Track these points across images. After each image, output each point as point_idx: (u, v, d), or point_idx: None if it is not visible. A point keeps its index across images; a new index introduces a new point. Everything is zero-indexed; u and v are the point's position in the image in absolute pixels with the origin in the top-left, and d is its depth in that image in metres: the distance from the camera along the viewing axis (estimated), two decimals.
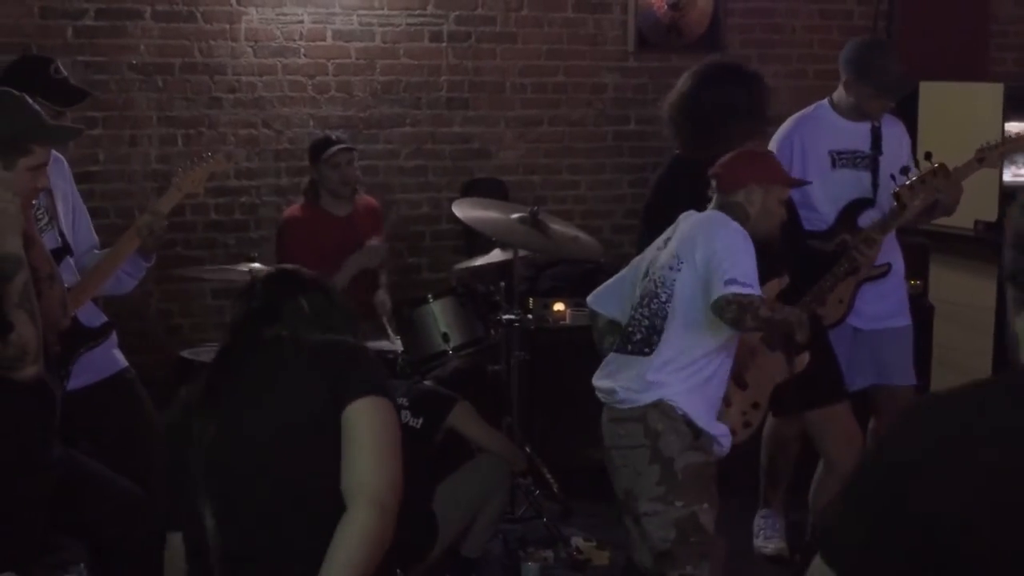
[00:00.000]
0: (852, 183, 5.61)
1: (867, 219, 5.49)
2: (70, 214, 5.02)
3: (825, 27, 8.49)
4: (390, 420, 3.29)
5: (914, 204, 5.30)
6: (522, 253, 6.31)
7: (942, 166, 5.38)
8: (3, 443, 3.87)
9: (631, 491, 4.43)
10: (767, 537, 5.96)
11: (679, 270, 4.35)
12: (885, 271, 5.60)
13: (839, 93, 5.71)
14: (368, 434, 3.21)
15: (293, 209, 6.76)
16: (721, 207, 4.46)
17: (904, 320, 5.77)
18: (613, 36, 8.13)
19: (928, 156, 5.59)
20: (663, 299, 4.38)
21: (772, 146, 5.65)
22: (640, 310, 4.46)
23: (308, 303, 3.47)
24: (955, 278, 6.18)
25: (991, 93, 7.50)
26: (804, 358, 5.00)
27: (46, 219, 4.84)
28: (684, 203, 4.59)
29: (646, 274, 4.49)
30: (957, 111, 7.36)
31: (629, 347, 4.47)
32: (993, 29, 8.85)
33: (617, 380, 4.48)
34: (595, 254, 6.51)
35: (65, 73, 5.05)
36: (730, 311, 4.16)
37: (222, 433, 3.29)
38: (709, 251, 4.27)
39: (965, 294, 6.80)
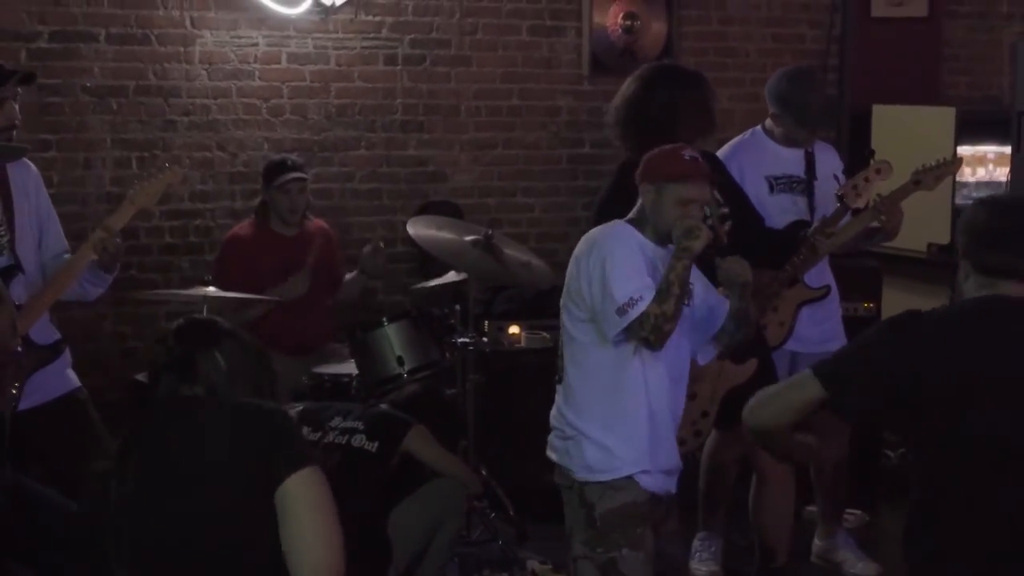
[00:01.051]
0: (790, 207, 5.73)
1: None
2: (33, 228, 5.00)
3: (778, 51, 8.53)
4: (325, 490, 3.20)
5: (857, 203, 5.35)
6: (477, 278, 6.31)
7: (884, 163, 5.43)
8: None
9: (570, 529, 4.44)
10: (702, 560, 5.98)
11: (565, 305, 4.39)
12: (825, 293, 5.69)
13: (770, 122, 5.83)
14: (309, 512, 3.14)
15: (240, 227, 6.77)
16: (633, 213, 4.39)
17: (841, 343, 5.80)
18: (568, 59, 8.16)
19: (871, 154, 5.64)
20: (563, 332, 4.43)
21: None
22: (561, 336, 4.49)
23: (224, 357, 3.34)
24: (908, 300, 6.18)
25: (943, 117, 7.57)
26: (752, 364, 5.06)
27: (6, 237, 4.83)
28: (631, 209, 4.51)
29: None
30: (910, 134, 7.41)
31: (557, 376, 4.50)
32: (946, 53, 8.93)
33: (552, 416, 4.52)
34: (546, 281, 6.52)
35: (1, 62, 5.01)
36: (645, 327, 4.13)
37: (141, 502, 3.16)
38: (584, 287, 4.26)
39: None
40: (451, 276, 6.47)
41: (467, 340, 6.21)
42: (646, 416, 4.31)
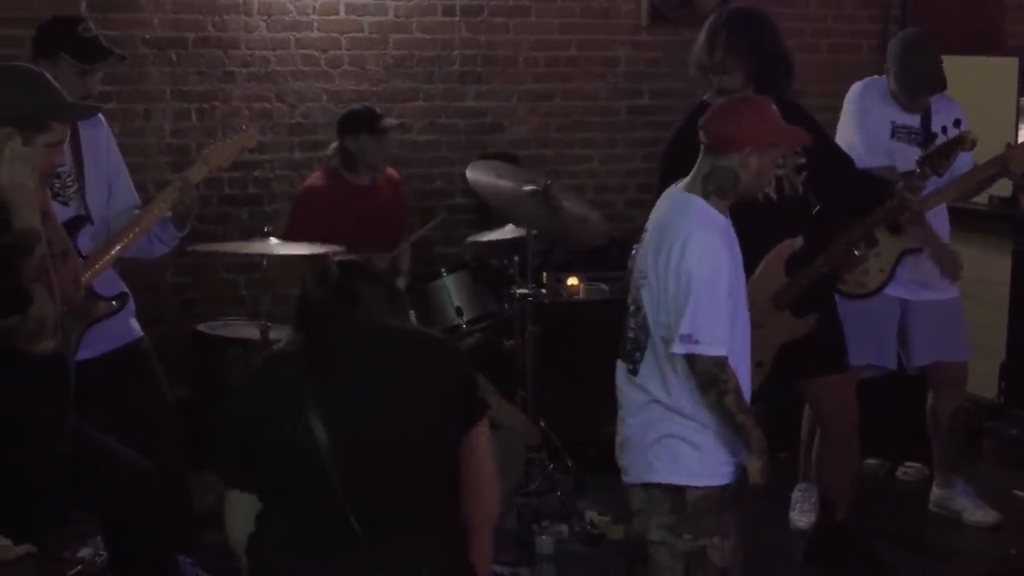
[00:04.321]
0: (906, 155, 5.67)
1: None
2: (102, 182, 5.04)
3: (839, 1, 8.47)
4: (489, 437, 3.55)
5: (939, 171, 5.30)
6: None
7: (968, 134, 5.41)
8: (20, 416, 3.90)
9: (643, 508, 4.21)
10: (802, 511, 6.00)
11: (643, 284, 4.09)
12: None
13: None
14: (486, 461, 3.52)
15: (314, 178, 6.74)
16: (709, 172, 4.04)
17: (951, 292, 5.92)
18: (626, 10, 8.11)
19: (957, 123, 5.62)
20: (644, 313, 4.09)
21: (849, 104, 5.93)
22: (631, 319, 4.18)
23: (383, 288, 3.54)
24: (970, 253, 6.17)
25: (1006, 67, 7.48)
26: (812, 319, 5.04)
27: (74, 187, 4.87)
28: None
29: (632, 271, 4.26)
30: (972, 85, 7.34)
31: (628, 362, 4.20)
32: (1009, 2, 8.81)
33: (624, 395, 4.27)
34: (599, 239, 6.51)
35: (95, 31, 5.06)
36: (702, 379, 3.93)
37: (343, 410, 3.30)
38: (672, 279, 3.95)
39: (980, 269, 6.79)
40: (508, 231, 6.46)
41: (526, 291, 6.21)
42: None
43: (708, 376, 3.93)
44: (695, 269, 3.91)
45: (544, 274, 6.90)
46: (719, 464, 4.08)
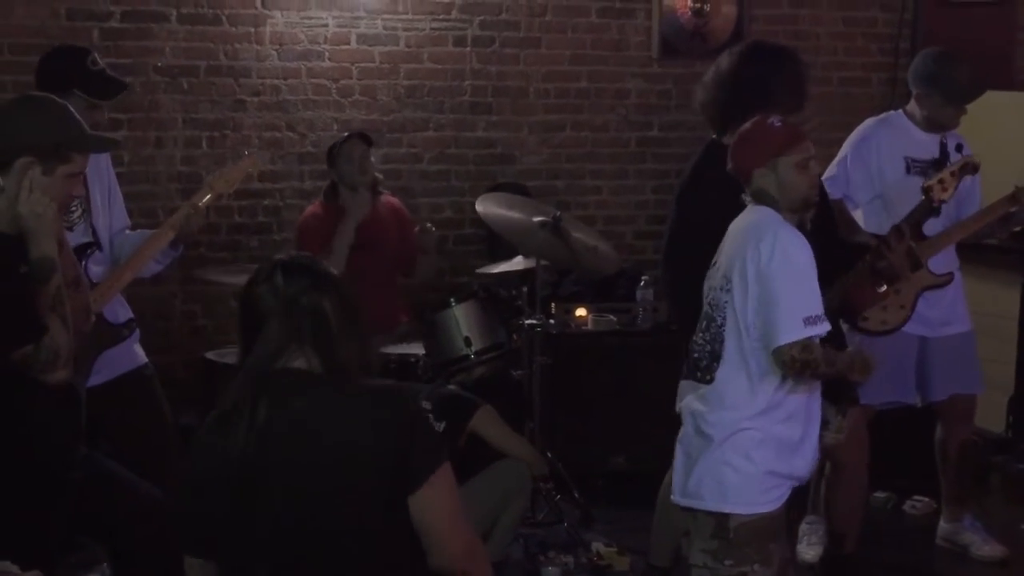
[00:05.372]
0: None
1: (931, 227, 5.54)
2: (105, 204, 5.06)
3: (849, 35, 8.48)
4: (453, 482, 3.30)
5: (943, 197, 5.32)
6: (544, 261, 6.30)
7: (971, 159, 5.42)
8: (31, 444, 3.91)
9: (688, 532, 4.27)
10: (810, 544, 5.99)
11: (729, 291, 4.09)
12: (948, 280, 5.67)
13: (912, 105, 5.88)
14: (448, 511, 3.27)
15: (312, 207, 6.76)
16: (754, 199, 4.18)
17: (965, 326, 5.92)
18: (637, 42, 8.13)
19: (959, 148, 5.63)
20: (719, 323, 4.12)
21: (849, 148, 5.88)
22: (702, 334, 4.19)
23: (333, 312, 3.25)
24: (979, 287, 6.17)
25: (1017, 101, 7.48)
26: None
27: (79, 211, 4.89)
28: (716, 188, 4.46)
29: (705, 294, 4.25)
30: (982, 119, 7.33)
31: (698, 374, 4.19)
32: (1019, 38, 8.81)
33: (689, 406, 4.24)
34: (613, 266, 6.51)
35: (102, 64, 5.08)
36: (793, 368, 3.96)
37: (271, 473, 3.15)
38: (762, 279, 3.99)
39: (988, 303, 6.79)
40: (518, 262, 6.46)
41: (534, 322, 6.22)
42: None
43: (806, 359, 3.98)
44: (793, 256, 4.00)
45: (553, 305, 6.91)
46: (764, 491, 4.09)
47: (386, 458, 3.16)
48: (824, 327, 4.00)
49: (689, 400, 4.21)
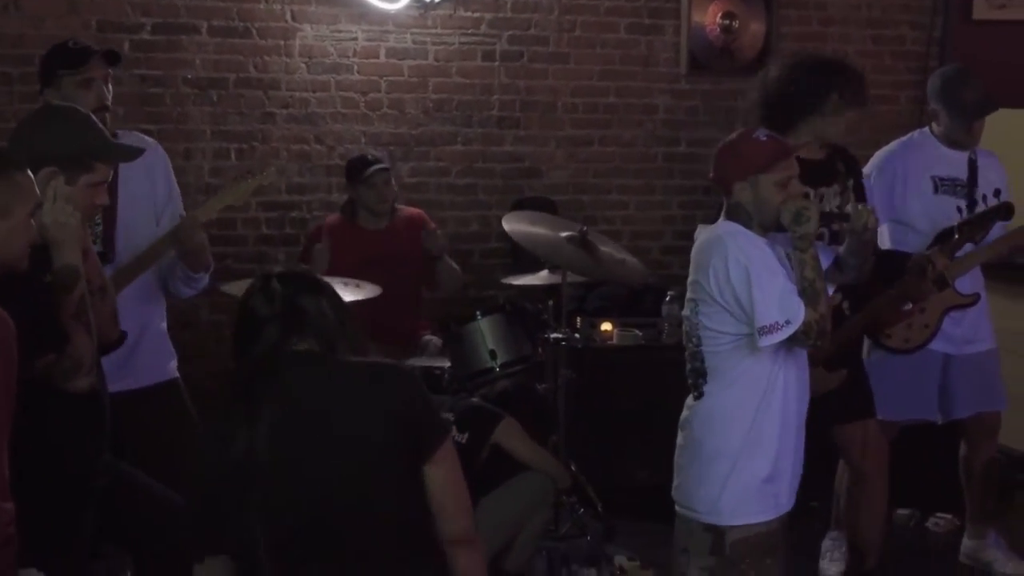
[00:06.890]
0: (951, 209, 5.70)
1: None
2: (141, 216, 5.07)
3: (877, 53, 8.48)
4: (456, 457, 3.39)
5: (976, 238, 5.40)
6: (570, 276, 6.30)
7: (1001, 205, 5.45)
8: (55, 452, 3.92)
9: (684, 547, 4.25)
10: (832, 560, 5.95)
11: (696, 311, 4.18)
12: (974, 300, 5.67)
13: (935, 122, 5.87)
14: (452, 485, 3.35)
15: (329, 219, 6.81)
16: (727, 212, 4.22)
17: (990, 343, 5.92)
18: (665, 58, 8.15)
19: (997, 193, 5.66)
20: (695, 343, 4.21)
21: (872, 169, 5.82)
22: (687, 352, 4.29)
23: (331, 308, 3.38)
24: (1001, 304, 6.16)
25: None
26: (841, 374, 5.07)
27: (100, 226, 4.91)
28: None
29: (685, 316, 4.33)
30: (1011, 137, 7.31)
31: (693, 390, 4.26)
32: None
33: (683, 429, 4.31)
34: (640, 278, 6.52)
35: (86, 43, 5.07)
36: (808, 340, 4.03)
37: (275, 457, 3.19)
38: (725, 294, 4.06)
39: (1011, 320, 6.76)
40: (544, 275, 6.47)
41: (560, 336, 6.20)
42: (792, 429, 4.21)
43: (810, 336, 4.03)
44: (745, 262, 4.02)
45: (578, 319, 6.91)
46: (757, 501, 4.12)
47: (389, 429, 3.24)
48: (802, 312, 4.01)
49: (684, 413, 4.28)
